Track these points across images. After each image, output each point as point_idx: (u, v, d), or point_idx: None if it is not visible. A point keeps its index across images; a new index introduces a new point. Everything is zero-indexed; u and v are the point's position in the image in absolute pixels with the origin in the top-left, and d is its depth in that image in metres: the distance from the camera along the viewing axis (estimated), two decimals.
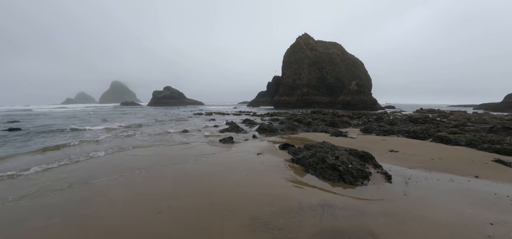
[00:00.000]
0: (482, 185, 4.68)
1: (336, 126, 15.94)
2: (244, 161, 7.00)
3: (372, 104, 49.74)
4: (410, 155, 7.12)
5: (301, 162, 6.40)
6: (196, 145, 9.60)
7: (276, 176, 5.51)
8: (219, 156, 7.66)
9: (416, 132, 10.54)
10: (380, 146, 8.55)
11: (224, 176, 5.53)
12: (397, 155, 7.17)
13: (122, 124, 18.20)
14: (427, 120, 15.41)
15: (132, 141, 10.52)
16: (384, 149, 8.07)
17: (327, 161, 5.61)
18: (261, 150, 8.46)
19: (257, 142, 10.38)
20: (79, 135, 12.71)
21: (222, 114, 32.38)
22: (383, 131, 11.84)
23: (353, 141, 9.97)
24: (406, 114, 31.35)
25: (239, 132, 14.18)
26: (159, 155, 7.56)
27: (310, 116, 22.77)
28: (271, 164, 6.56)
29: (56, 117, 27.15)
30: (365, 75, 72.71)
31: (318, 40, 72.08)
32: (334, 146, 7.33)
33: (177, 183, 4.98)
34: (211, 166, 6.42)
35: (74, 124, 18.55)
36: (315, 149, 6.91)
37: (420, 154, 7.19)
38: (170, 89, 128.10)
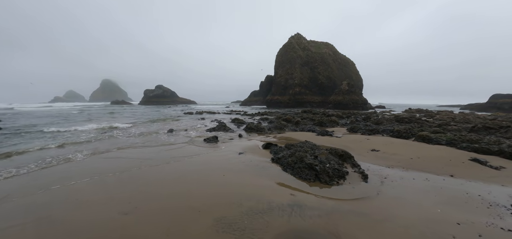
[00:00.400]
0: (456, 184, 4.68)
1: (324, 126, 15.96)
2: (224, 161, 6.84)
3: (363, 103, 50.37)
4: (391, 154, 7.12)
5: (280, 162, 6.29)
6: (179, 146, 9.36)
7: (252, 176, 5.37)
8: (200, 156, 7.46)
9: (400, 131, 10.63)
10: (363, 145, 8.54)
11: (200, 177, 5.36)
12: (377, 154, 7.16)
13: (107, 125, 17.69)
14: (412, 120, 15.62)
15: (115, 142, 10.17)
16: (366, 148, 8.06)
17: (305, 161, 5.52)
18: (244, 150, 8.32)
19: (242, 142, 10.23)
20: (59, 136, 12.23)
21: (213, 113, 32.08)
22: (369, 131, 11.90)
23: (338, 140, 9.95)
24: (394, 113, 31.85)
25: (226, 131, 14.00)
26: (137, 158, 7.27)
27: (300, 115, 22.79)
28: (251, 163, 6.43)
29: (41, 116, 26.22)
30: (356, 75, 73.60)
31: (310, 40, 72.48)
32: (315, 145, 7.25)
33: (149, 186, 4.77)
34: (189, 167, 6.22)
35: (57, 124, 17.94)
36: (295, 148, 6.82)
37: (400, 153, 7.20)
38: (162, 88, 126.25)
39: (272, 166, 6.12)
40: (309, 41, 70.78)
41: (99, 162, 6.82)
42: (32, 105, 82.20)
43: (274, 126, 15.44)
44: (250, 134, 12.91)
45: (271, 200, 3.98)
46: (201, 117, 24.98)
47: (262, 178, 5.21)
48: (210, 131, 14.03)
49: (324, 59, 64.28)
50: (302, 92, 59.93)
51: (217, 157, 7.31)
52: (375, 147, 8.05)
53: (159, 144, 9.77)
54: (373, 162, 6.34)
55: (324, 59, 64.28)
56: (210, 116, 26.46)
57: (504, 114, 30.09)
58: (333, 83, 61.10)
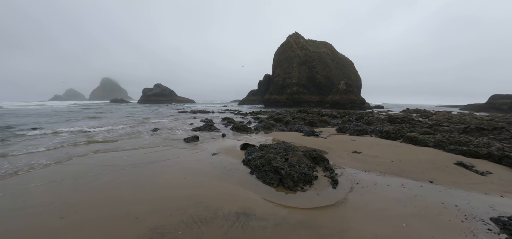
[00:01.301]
0: (434, 192, 4.21)
1: (314, 125, 15.49)
2: (193, 162, 6.40)
3: (361, 103, 49.81)
4: (372, 156, 6.64)
5: (249, 164, 5.83)
6: (155, 147, 8.87)
7: (214, 179, 4.92)
8: (169, 158, 7.00)
9: (389, 132, 10.15)
10: (346, 147, 8.07)
11: (157, 180, 4.91)
12: (358, 157, 6.68)
13: (93, 124, 17.26)
14: (404, 120, 15.12)
15: (88, 147, 9.72)
16: (348, 149, 7.59)
17: (272, 164, 5.05)
18: (220, 150, 7.87)
19: (222, 142, 9.77)
20: (35, 138, 11.79)
21: (206, 112, 31.61)
22: (357, 131, 11.41)
23: (322, 141, 9.49)
24: (391, 113, 31.36)
25: (211, 131, 13.54)
26: (103, 164, 6.75)
27: (292, 115, 22.33)
28: (219, 165, 5.98)
29: (28, 116, 25.82)
30: (355, 75, 72.97)
31: (309, 39, 71.88)
32: (291, 146, 6.79)
33: (96, 191, 4.31)
34: (151, 169, 5.76)
35: (37, 125, 17.52)
36: (267, 149, 6.35)
37: (382, 155, 6.73)
38: (160, 87, 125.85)
39: (240, 169, 5.66)
40: (308, 41, 70.17)
41: (57, 170, 6.35)
42: (22, 103, 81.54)
43: (262, 126, 14.98)
44: (235, 133, 12.46)
45: (220, 207, 3.54)
46: (193, 116, 24.52)
47: (223, 182, 4.76)
48: (195, 130, 13.59)
49: (322, 59, 63.67)
50: (300, 92, 59.35)
51: (188, 158, 6.86)
52: (357, 149, 7.58)
53: (135, 146, 9.20)
54: (351, 165, 5.86)
55: (322, 59, 63.67)
56: (202, 115, 25.99)
57: (502, 114, 29.56)
58: (331, 83, 60.53)
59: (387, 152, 7.17)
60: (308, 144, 8.81)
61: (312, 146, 8.48)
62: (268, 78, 76.00)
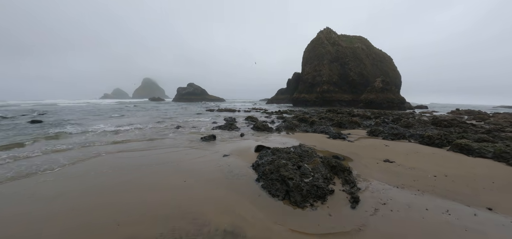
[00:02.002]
0: (493, 225, 3.11)
1: (342, 127, 14.16)
2: (202, 164, 6.07)
3: (400, 103, 45.07)
4: (408, 167, 5.49)
5: (258, 169, 5.24)
6: (170, 147, 8.83)
7: (216, 185, 4.47)
8: (180, 159, 6.79)
9: (432, 137, 8.56)
10: (376, 154, 6.93)
11: (157, 183, 4.63)
12: (389, 167, 5.59)
13: (124, 122, 18.43)
14: (453, 123, 12.84)
15: (104, 148, 10.16)
16: (378, 157, 6.47)
17: (280, 171, 4.38)
18: (233, 151, 7.45)
19: (238, 142, 9.34)
20: (58, 137, 12.85)
21: (233, 110, 31.76)
22: (392, 135, 9.94)
23: (348, 145, 8.40)
24: (437, 114, 27.58)
25: (231, 130, 13.27)
26: (110, 165, 6.79)
27: (319, 115, 20.98)
28: (227, 169, 5.53)
29: (72, 113, 28.93)
30: (393, 72, 66.45)
31: (341, 34, 67.58)
32: (307, 151, 6.00)
33: (89, 197, 4.18)
34: (156, 170, 5.56)
35: (74, 122, 19.29)
36: (279, 154, 5.67)
37: (422, 167, 5.52)
38: (192, 86, 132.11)
39: (248, 174, 5.11)
40: (340, 36, 66.09)
41: (63, 171, 6.59)
42: (74, 101, 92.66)
43: (284, 126, 14.22)
44: (255, 133, 11.95)
45: (207, 221, 3.05)
46: (218, 114, 24.73)
47: (223, 189, 4.27)
48: (215, 129, 13.49)
49: (356, 54, 59.38)
50: (330, 90, 56.28)
51: (197, 160, 6.55)
52: (390, 157, 6.42)
53: (150, 147, 9.14)
54: (379, 178, 4.86)
55: (356, 54, 59.38)
56: (227, 114, 26.14)
57: None
58: (366, 80, 56.11)
59: (429, 163, 5.90)
60: (331, 149, 7.84)
61: (336, 151, 7.51)
62: (297, 76, 73.94)
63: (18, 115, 21.48)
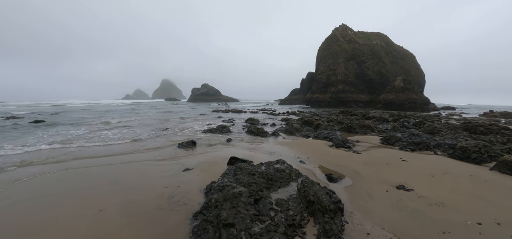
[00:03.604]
0: None
1: (352, 132, 12.13)
2: (147, 182, 4.68)
3: (423, 104, 40.93)
4: (434, 203, 3.59)
5: (207, 197, 3.68)
6: (132, 153, 7.55)
7: (136, 219, 2.97)
8: (129, 172, 5.41)
9: (467, 149, 6.42)
10: (386, 173, 5.04)
11: (57, 215, 3.22)
12: (405, 200, 3.73)
13: (123, 121, 17.70)
14: (492, 129, 10.26)
15: (64, 150, 9.08)
16: (388, 180, 4.60)
17: (222, 209, 2.77)
18: (200, 164, 5.96)
19: (218, 151, 7.83)
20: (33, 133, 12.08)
21: (239, 111, 30.38)
22: (412, 144, 7.85)
23: (351, 158, 6.52)
24: (467, 117, 24.15)
25: (222, 133, 11.83)
26: (43, 175, 5.65)
27: (330, 117, 18.90)
28: (171, 192, 4.05)
29: (85, 110, 29.09)
30: (416, 70, 61.17)
31: (358, 31, 63.54)
32: (287, 169, 4.28)
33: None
34: (81, 188, 4.21)
35: (76, 121, 18.84)
36: (241, 175, 4.03)
37: (455, 202, 3.61)
38: (207, 87, 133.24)
39: (190, 203, 3.62)
40: (357, 32, 62.16)
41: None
42: (94, 101, 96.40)
43: (284, 130, 12.48)
44: (247, 138, 10.38)
45: None
46: (219, 115, 23.41)
47: (136, 229, 2.74)
48: (206, 132, 12.17)
49: (374, 52, 55.36)
50: (346, 90, 52.93)
51: (147, 174, 5.14)
52: (408, 180, 4.52)
53: (111, 153, 7.87)
54: (387, 223, 3.06)
55: (374, 52, 55.36)
56: (230, 115, 24.82)
57: None
58: (385, 80, 52.06)
59: (466, 193, 3.94)
60: (328, 162, 6.04)
61: (333, 166, 5.72)
62: (311, 75, 71.14)
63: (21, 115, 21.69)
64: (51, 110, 30.18)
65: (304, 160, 6.26)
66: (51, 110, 31.44)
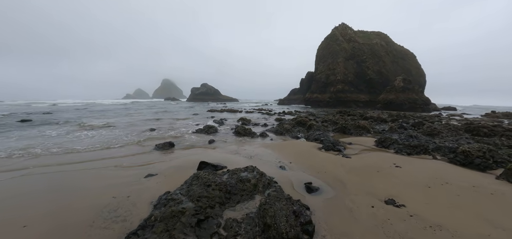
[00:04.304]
0: None
1: (346, 133, 11.42)
2: (95, 191, 4.02)
3: (423, 104, 40.10)
4: (429, 225, 2.88)
5: (152, 211, 3.00)
6: (95, 161, 6.90)
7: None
8: (84, 179, 4.74)
9: (469, 154, 5.70)
10: (376, 182, 4.34)
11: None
12: (394, 220, 3.02)
13: (97, 122, 17.05)
14: (496, 131, 9.52)
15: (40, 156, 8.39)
16: (377, 192, 3.90)
17: (154, 232, 2.08)
18: (168, 169, 5.30)
19: (194, 154, 7.13)
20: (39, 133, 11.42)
21: (234, 111, 29.70)
22: (408, 147, 7.13)
23: (339, 163, 5.82)
24: (468, 117, 23.37)
25: (208, 133, 11.19)
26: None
27: (326, 117, 18.20)
28: (115, 205, 3.42)
29: (76, 110, 28.46)
30: (417, 70, 60.25)
31: (358, 30, 62.62)
32: (253, 179, 3.59)
33: None
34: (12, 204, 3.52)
35: (73, 120, 18.24)
36: (195, 186, 3.34)
37: (455, 221, 2.91)
38: (206, 86, 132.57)
39: (131, 219, 2.96)
40: (356, 32, 61.27)
41: None
42: (81, 101, 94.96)
43: (274, 131, 11.80)
44: (231, 140, 9.69)
45: None
46: (212, 116, 22.71)
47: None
48: (195, 132, 11.63)
49: (374, 51, 54.49)
50: (345, 90, 52.12)
51: (99, 182, 4.45)
52: (399, 193, 3.82)
53: (70, 161, 7.45)
54: None
55: (374, 51, 54.49)
56: (223, 115, 24.18)
57: None
58: (385, 79, 51.24)
59: (469, 209, 3.24)
60: (311, 168, 5.34)
61: (315, 172, 5.02)
62: (310, 75, 70.35)
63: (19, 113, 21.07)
64: (44, 109, 29.62)
65: (285, 165, 5.56)
66: (44, 109, 30.87)
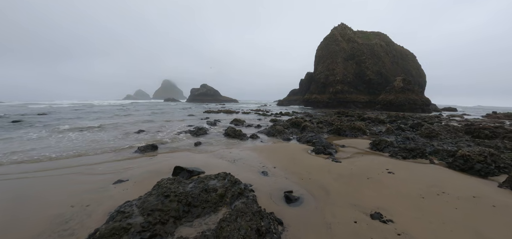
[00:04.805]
0: None
1: (342, 134, 10.96)
2: (56, 197, 3.64)
3: (423, 105, 39.60)
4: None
5: (108, 222, 2.55)
6: (76, 164, 6.47)
7: None
8: (43, 185, 4.32)
9: (469, 158, 5.24)
10: (365, 191, 3.89)
11: None
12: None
13: (101, 122, 16.64)
14: (498, 133, 9.03)
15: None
16: (364, 204, 3.45)
17: None
18: (142, 175, 4.88)
19: (174, 158, 6.71)
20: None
21: (231, 112, 29.26)
22: (404, 150, 6.68)
23: (329, 167, 5.36)
24: (469, 118, 22.86)
25: (197, 135, 10.77)
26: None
27: (323, 117, 17.74)
28: (65, 217, 2.95)
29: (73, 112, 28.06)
30: (417, 70, 59.71)
31: (358, 30, 62.18)
32: (220, 188, 3.14)
33: None
34: None
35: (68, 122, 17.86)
36: (157, 193, 2.90)
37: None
38: (206, 87, 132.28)
39: (77, 233, 2.49)
40: (356, 32, 60.82)
41: None
42: (78, 102, 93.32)
43: (266, 132, 11.36)
44: (219, 142, 9.24)
45: None
46: (207, 117, 22.26)
47: None
48: (185, 132, 11.32)
49: (373, 51, 54.03)
50: (344, 90, 51.65)
51: (67, 187, 4.08)
52: (388, 204, 3.37)
53: (29, 170, 7.03)
54: None
55: (373, 51, 54.03)
56: (219, 116, 23.73)
57: None
58: (385, 80, 50.75)
59: (469, 228, 2.78)
60: (295, 175, 4.88)
61: (298, 179, 4.57)
62: (310, 76, 69.90)
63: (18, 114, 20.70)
64: (40, 110, 29.26)
65: (268, 171, 5.11)
66: (40, 110, 30.51)
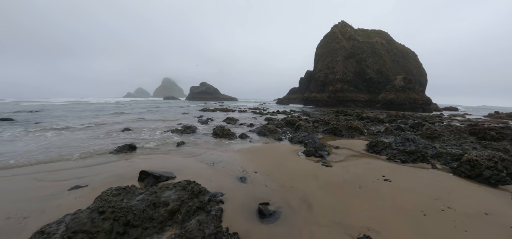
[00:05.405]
0: None
1: (338, 134, 10.35)
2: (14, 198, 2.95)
3: (424, 104, 38.86)
4: None
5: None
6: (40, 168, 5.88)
7: None
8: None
9: (477, 164, 4.63)
10: (355, 205, 3.29)
11: None
12: None
13: (86, 122, 16.06)
14: (506, 134, 8.37)
15: None
16: (352, 222, 2.84)
17: None
18: (103, 180, 4.27)
19: (146, 160, 6.09)
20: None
21: (226, 110, 28.63)
22: (403, 153, 6.07)
23: (318, 173, 4.75)
24: (471, 118, 22.19)
25: (186, 133, 10.27)
26: None
27: (321, 116, 17.11)
28: (14, 226, 2.30)
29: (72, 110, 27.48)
30: (418, 69, 58.89)
31: (358, 28, 61.36)
32: (169, 201, 2.53)
33: None
34: None
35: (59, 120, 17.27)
36: (94, 208, 2.28)
37: None
38: (205, 85, 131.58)
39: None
40: (357, 30, 59.97)
41: None
42: (67, 99, 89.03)
43: (257, 132, 10.75)
44: (207, 142, 8.63)
45: None
46: (202, 115, 21.65)
47: None
48: (174, 131, 10.81)
49: (374, 50, 53.21)
50: (344, 89, 50.91)
51: (13, 194, 3.47)
52: (379, 225, 2.76)
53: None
54: None
55: (374, 50, 53.21)
56: (216, 114, 23.11)
57: None
58: (386, 78, 49.98)
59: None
60: (277, 181, 4.27)
61: (279, 187, 3.96)
62: (309, 74, 69.16)
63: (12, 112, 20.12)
64: (33, 108, 28.72)
65: (247, 176, 4.50)
66: (32, 107, 29.97)
